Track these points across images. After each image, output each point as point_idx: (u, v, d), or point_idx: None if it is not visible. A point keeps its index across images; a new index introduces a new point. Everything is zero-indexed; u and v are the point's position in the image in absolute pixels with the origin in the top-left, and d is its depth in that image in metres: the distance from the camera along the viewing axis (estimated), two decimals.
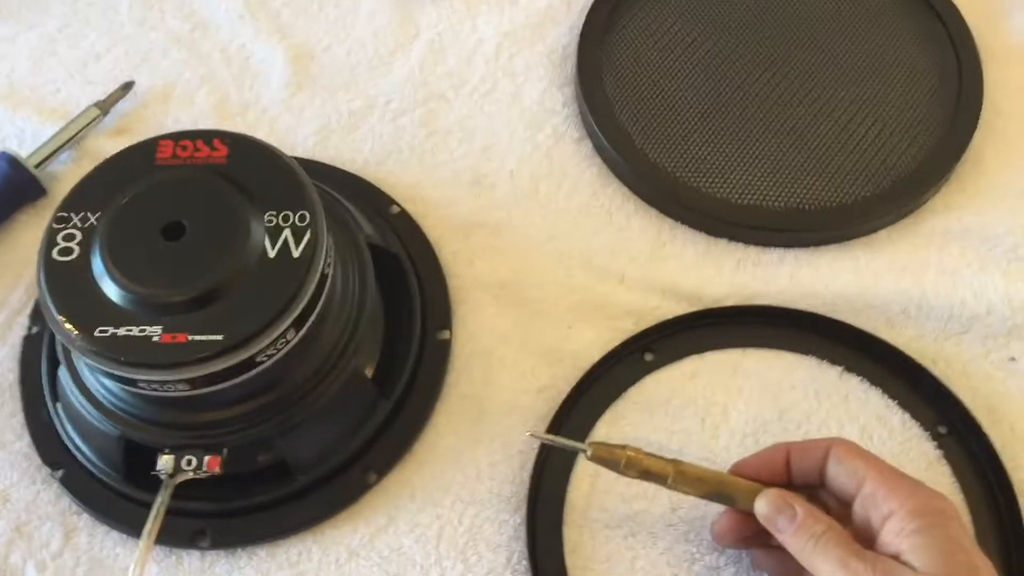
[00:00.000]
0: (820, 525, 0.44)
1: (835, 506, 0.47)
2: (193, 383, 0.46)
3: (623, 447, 0.48)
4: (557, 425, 0.56)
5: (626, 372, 0.58)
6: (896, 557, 0.43)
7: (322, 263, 0.47)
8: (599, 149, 0.66)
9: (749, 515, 0.48)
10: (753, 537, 0.49)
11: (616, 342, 0.58)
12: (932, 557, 0.42)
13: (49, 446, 0.56)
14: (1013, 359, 0.58)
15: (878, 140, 0.64)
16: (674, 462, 0.48)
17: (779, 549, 0.48)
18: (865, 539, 0.45)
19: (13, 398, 0.58)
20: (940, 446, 0.55)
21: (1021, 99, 0.67)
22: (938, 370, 0.56)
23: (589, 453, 0.48)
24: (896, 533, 0.43)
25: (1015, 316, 0.58)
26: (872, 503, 0.45)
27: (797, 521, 0.45)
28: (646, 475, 0.48)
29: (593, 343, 0.59)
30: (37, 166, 0.64)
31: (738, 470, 0.49)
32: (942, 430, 0.55)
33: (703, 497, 0.49)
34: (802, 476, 0.48)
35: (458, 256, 0.62)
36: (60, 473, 0.55)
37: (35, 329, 0.59)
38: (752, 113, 0.65)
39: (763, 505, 0.47)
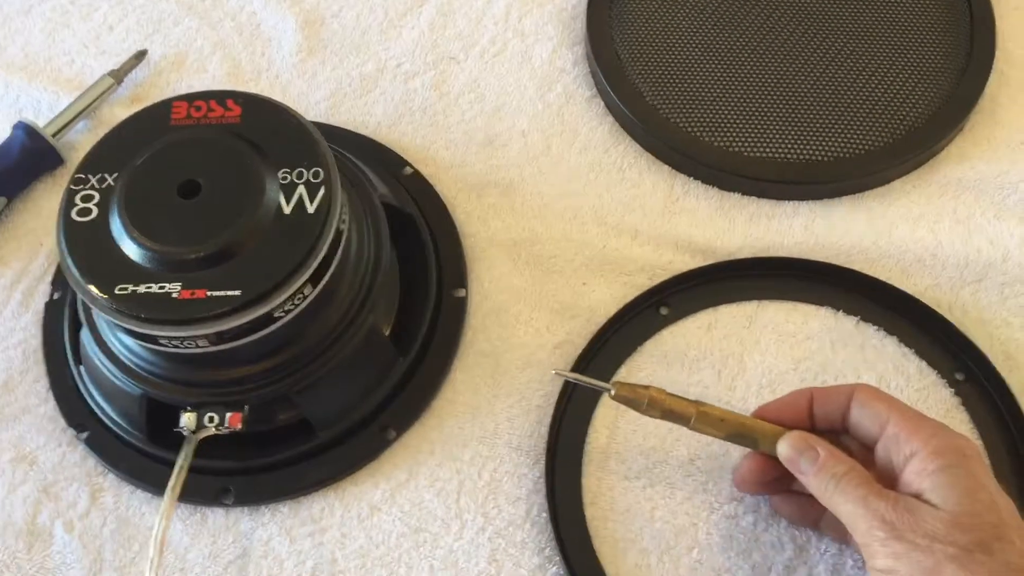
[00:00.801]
0: (842, 465, 0.45)
1: (858, 451, 0.47)
2: (213, 339, 0.46)
3: (646, 387, 0.48)
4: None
5: (642, 326, 0.58)
6: (918, 496, 0.43)
7: (337, 219, 0.48)
8: (610, 107, 0.66)
9: (771, 458, 0.48)
10: (774, 482, 0.50)
11: (631, 297, 0.58)
12: (953, 495, 0.42)
13: (74, 408, 0.57)
14: None
15: (890, 91, 0.63)
16: (697, 403, 0.49)
17: (799, 495, 0.49)
18: (887, 481, 0.45)
19: (37, 363, 0.59)
20: (958, 393, 0.55)
21: None
22: (954, 318, 0.56)
23: (613, 392, 0.49)
24: (918, 473, 0.43)
25: None
26: (894, 444, 0.45)
27: (819, 462, 0.45)
28: (669, 415, 0.49)
29: (608, 298, 0.59)
30: (54, 135, 0.64)
31: (761, 414, 0.49)
32: (959, 377, 0.55)
33: (725, 439, 0.49)
34: (825, 421, 0.48)
35: (472, 215, 0.62)
36: (85, 435, 0.56)
37: (57, 295, 0.60)
38: (763, 66, 0.65)
39: (785, 447, 0.47)
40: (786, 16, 0.67)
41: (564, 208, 0.62)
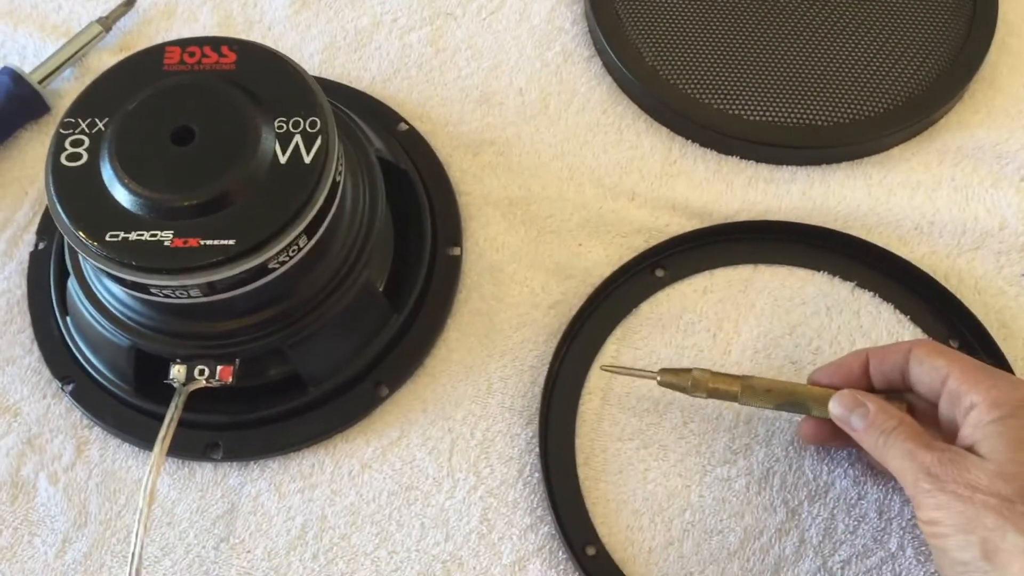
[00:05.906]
0: (891, 421, 0.44)
1: (925, 408, 0.47)
2: (205, 289, 0.45)
3: (688, 370, 0.50)
4: (568, 341, 0.56)
5: (637, 288, 0.58)
6: (971, 448, 0.42)
7: (334, 170, 0.47)
8: (609, 67, 0.65)
9: (826, 422, 0.48)
10: (841, 438, 0.49)
11: (627, 258, 0.58)
12: (1002, 445, 0.41)
13: (59, 360, 0.55)
14: None
15: (892, 57, 0.63)
16: (742, 378, 0.49)
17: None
18: (950, 436, 0.44)
19: (22, 313, 0.58)
20: None
21: None
22: (951, 285, 0.56)
23: (659, 380, 0.51)
24: (974, 425, 0.43)
25: None
26: (955, 399, 0.44)
27: (869, 418, 0.45)
28: (715, 393, 0.49)
29: (604, 259, 0.58)
30: (40, 82, 0.63)
31: (814, 379, 0.49)
32: (954, 344, 0.55)
33: (776, 409, 0.49)
34: (883, 380, 0.48)
35: (467, 173, 0.61)
36: (71, 387, 0.55)
37: (42, 244, 0.59)
38: (765, 29, 0.64)
39: (836, 406, 0.47)
40: None
41: (561, 168, 0.61)
